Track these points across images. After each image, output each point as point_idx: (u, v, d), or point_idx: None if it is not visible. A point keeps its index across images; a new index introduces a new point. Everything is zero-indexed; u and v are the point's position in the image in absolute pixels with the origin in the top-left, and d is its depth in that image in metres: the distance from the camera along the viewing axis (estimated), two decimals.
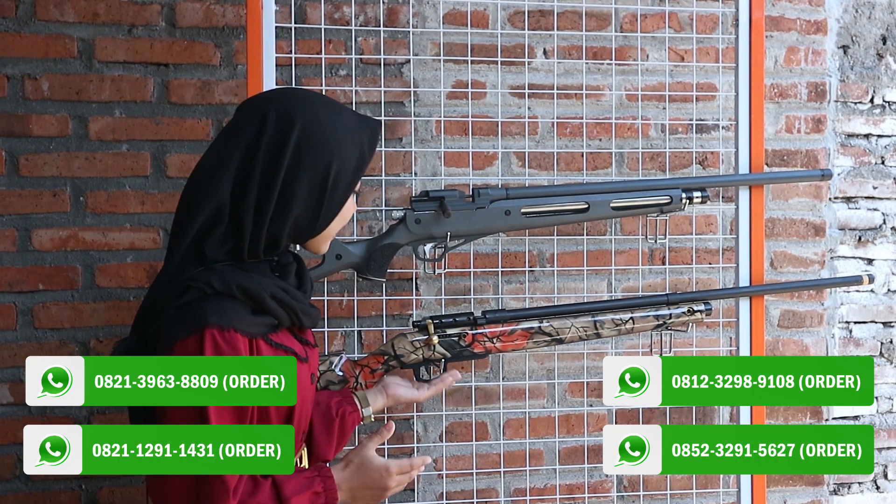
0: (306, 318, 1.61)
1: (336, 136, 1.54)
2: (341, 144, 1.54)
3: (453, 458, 2.62)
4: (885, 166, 2.95)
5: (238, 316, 1.48)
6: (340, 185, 1.55)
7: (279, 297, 1.54)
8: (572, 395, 2.69)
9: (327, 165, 1.53)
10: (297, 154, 1.51)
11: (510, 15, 2.64)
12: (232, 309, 1.48)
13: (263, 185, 1.50)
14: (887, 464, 2.95)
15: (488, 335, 2.15)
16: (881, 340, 2.95)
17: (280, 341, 1.56)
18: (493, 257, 2.60)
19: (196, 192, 1.53)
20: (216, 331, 1.46)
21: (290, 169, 1.51)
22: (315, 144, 1.52)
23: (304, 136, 1.52)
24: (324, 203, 1.54)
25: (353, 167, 1.56)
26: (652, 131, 2.72)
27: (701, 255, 2.74)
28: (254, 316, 1.51)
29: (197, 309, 1.47)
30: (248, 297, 1.50)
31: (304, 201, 1.53)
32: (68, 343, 2.45)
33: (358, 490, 1.62)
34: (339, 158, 1.53)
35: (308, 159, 1.52)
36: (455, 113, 2.60)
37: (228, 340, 1.47)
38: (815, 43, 2.84)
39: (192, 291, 1.48)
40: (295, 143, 1.51)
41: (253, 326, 1.50)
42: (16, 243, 2.43)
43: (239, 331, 1.48)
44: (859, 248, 2.93)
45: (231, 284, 1.49)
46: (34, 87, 2.43)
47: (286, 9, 2.40)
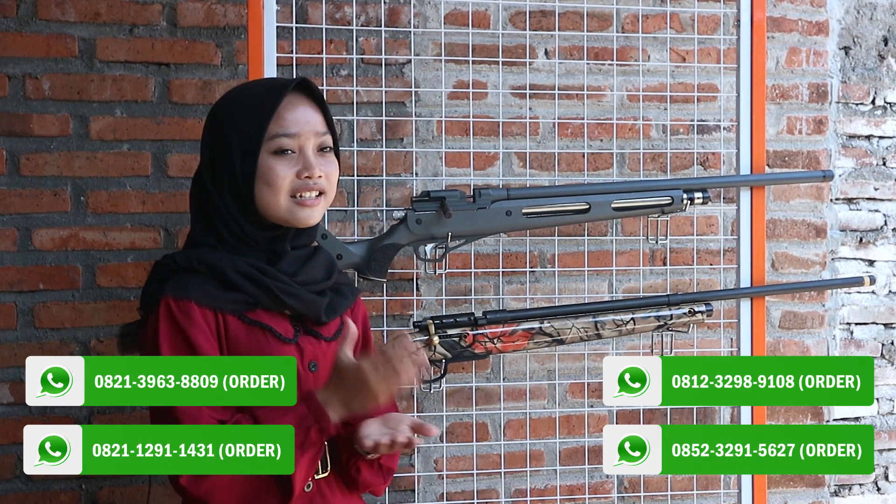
0: (295, 301, 1.60)
1: (230, 108, 1.62)
2: (236, 112, 1.61)
3: (454, 459, 2.62)
4: (886, 167, 2.94)
5: (200, 290, 1.55)
6: (246, 148, 1.58)
7: (244, 271, 1.57)
8: (573, 396, 2.69)
9: (226, 135, 1.59)
10: (209, 137, 1.63)
11: (511, 15, 2.64)
12: (193, 282, 1.55)
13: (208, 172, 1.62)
14: (888, 465, 2.95)
15: (489, 336, 2.15)
16: (882, 342, 2.95)
17: (257, 318, 1.58)
18: (493, 258, 2.60)
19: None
20: (171, 300, 1.53)
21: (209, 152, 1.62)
22: (215, 121, 1.63)
23: (209, 119, 1.65)
24: (237, 171, 1.59)
25: (253, 127, 1.58)
26: (653, 132, 2.72)
27: (702, 255, 2.73)
28: (223, 292, 1.56)
29: (161, 284, 1.57)
30: (211, 271, 1.56)
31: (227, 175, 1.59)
32: (69, 343, 2.44)
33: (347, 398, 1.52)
34: (236, 127, 1.59)
35: (213, 137, 1.62)
36: (456, 113, 2.60)
37: (182, 308, 1.53)
38: (816, 44, 2.84)
39: (162, 269, 1.59)
40: (207, 129, 1.64)
41: (218, 301, 1.55)
42: (16, 243, 2.43)
43: (195, 301, 1.54)
44: (860, 249, 2.93)
45: (192, 259, 1.57)
46: (35, 86, 2.43)
47: (287, 8, 2.40)
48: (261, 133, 1.58)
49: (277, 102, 1.59)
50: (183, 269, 1.57)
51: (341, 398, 1.53)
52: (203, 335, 1.54)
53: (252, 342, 1.57)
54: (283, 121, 1.59)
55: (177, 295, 1.54)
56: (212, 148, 1.62)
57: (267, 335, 1.59)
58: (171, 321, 1.53)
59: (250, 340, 1.57)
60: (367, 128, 2.55)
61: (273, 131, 1.59)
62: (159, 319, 1.53)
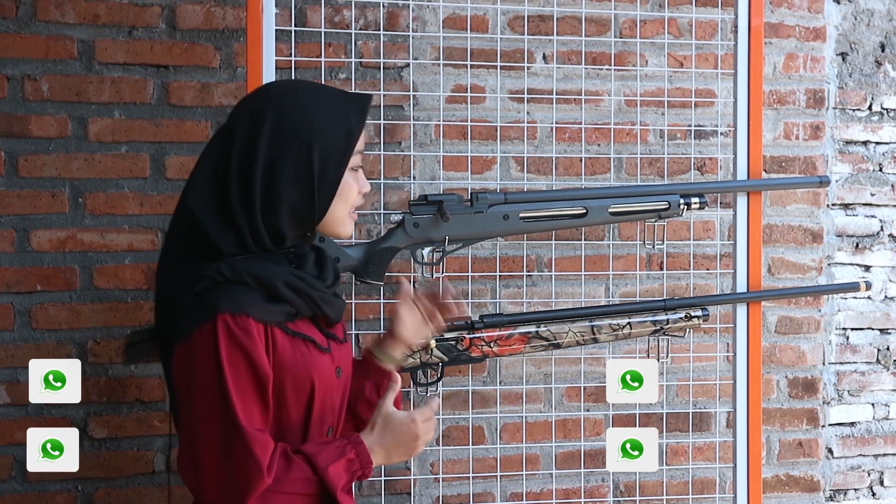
0: (328, 307, 1.60)
1: (311, 120, 1.54)
2: (321, 126, 1.54)
3: (450, 462, 2.62)
4: (882, 173, 2.95)
5: (250, 302, 1.49)
6: (329, 166, 1.55)
7: (293, 284, 1.54)
8: (569, 400, 2.69)
9: (308, 150, 1.53)
10: (272, 146, 1.52)
11: (510, 20, 2.64)
12: (244, 295, 1.49)
13: (244, 182, 1.52)
14: (883, 470, 2.96)
15: (486, 339, 2.15)
16: (878, 347, 2.95)
17: (298, 330, 1.56)
18: (491, 261, 2.61)
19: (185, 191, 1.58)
20: (228, 316, 1.47)
21: (267, 161, 1.52)
22: (290, 132, 1.53)
23: (277, 127, 1.53)
24: (315, 188, 1.54)
25: (340, 146, 1.56)
26: (650, 137, 2.72)
27: (699, 260, 2.74)
28: (269, 304, 1.52)
29: (210, 297, 1.49)
30: (259, 284, 1.51)
31: (294, 190, 1.53)
32: (66, 344, 2.44)
33: (391, 447, 1.58)
34: (319, 141, 1.53)
35: (285, 149, 1.52)
36: (454, 117, 2.60)
37: (241, 325, 1.47)
38: (813, 50, 2.84)
39: (205, 280, 1.50)
40: (268, 136, 1.52)
41: (267, 314, 1.51)
42: (14, 244, 2.43)
43: (251, 316, 1.49)
44: (857, 254, 2.93)
45: (241, 271, 1.51)
46: (34, 87, 2.43)
47: (286, 12, 2.41)
48: (350, 148, 1.57)
49: (363, 119, 1.59)
50: (230, 281, 1.50)
51: (386, 446, 1.57)
52: (262, 352, 1.49)
53: (297, 355, 1.55)
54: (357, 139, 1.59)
55: (234, 311, 1.47)
56: (273, 154, 1.52)
57: (309, 346, 1.57)
58: (230, 339, 1.47)
59: (295, 353, 1.55)
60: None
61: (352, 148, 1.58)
62: (219, 338, 1.46)
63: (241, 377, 1.47)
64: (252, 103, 1.57)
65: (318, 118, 1.54)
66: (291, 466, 1.50)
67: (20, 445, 2.40)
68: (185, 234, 1.56)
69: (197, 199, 1.55)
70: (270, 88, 1.64)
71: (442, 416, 2.58)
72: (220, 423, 1.46)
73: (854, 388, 2.93)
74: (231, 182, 1.53)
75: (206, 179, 1.55)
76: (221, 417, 1.46)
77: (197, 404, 1.48)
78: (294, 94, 1.57)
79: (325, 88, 1.64)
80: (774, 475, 2.85)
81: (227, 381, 1.46)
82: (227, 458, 1.46)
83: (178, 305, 1.52)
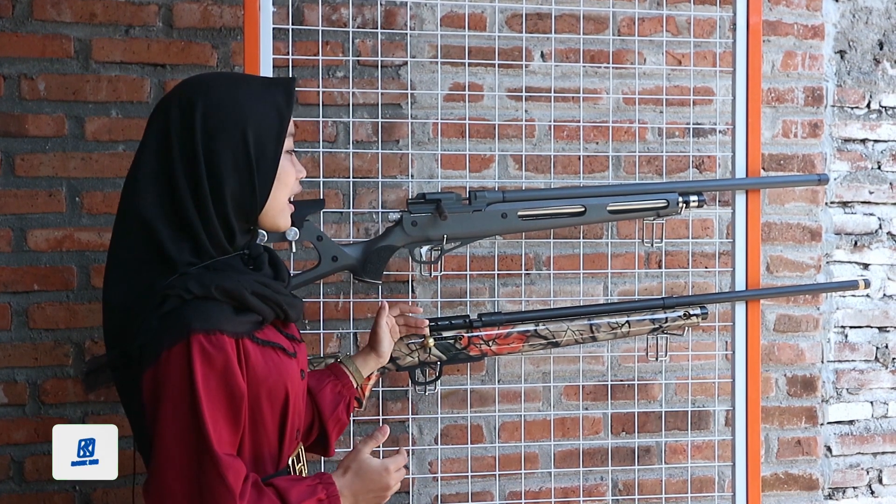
0: (291, 309, 1.59)
1: (242, 104, 1.51)
2: (251, 109, 1.52)
3: (448, 461, 2.62)
4: (881, 171, 2.95)
5: (222, 317, 1.45)
6: (266, 148, 1.52)
7: (260, 291, 1.52)
8: (568, 399, 2.69)
9: (242, 134, 1.50)
10: (208, 135, 1.49)
11: (508, 18, 2.64)
12: (215, 311, 1.45)
13: (190, 177, 1.49)
14: (882, 468, 2.96)
15: (484, 338, 2.14)
16: (876, 345, 2.95)
17: (266, 338, 1.54)
18: (489, 260, 2.60)
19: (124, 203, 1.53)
20: (202, 336, 1.42)
21: (207, 152, 1.49)
22: (222, 119, 1.50)
23: (209, 116, 1.50)
24: (254, 172, 1.51)
25: (273, 127, 1.53)
26: (649, 135, 2.72)
27: (697, 258, 2.74)
28: (238, 315, 1.49)
29: (179, 316, 1.43)
30: (228, 297, 1.48)
31: (235, 177, 1.50)
32: (63, 344, 2.44)
33: (360, 494, 1.59)
34: (253, 124, 1.51)
35: (220, 137, 1.49)
36: (452, 115, 2.59)
37: (216, 344, 1.43)
38: (812, 48, 2.84)
39: (172, 299, 1.45)
40: (202, 126, 1.49)
41: (238, 326, 1.48)
42: (11, 243, 2.42)
43: (225, 332, 1.45)
44: (855, 252, 2.93)
45: (209, 286, 1.46)
46: (31, 87, 2.42)
47: (284, 10, 2.40)
48: (283, 130, 1.53)
49: (292, 98, 1.55)
50: (198, 297, 1.45)
51: (356, 492, 1.59)
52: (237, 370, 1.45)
53: (270, 365, 1.53)
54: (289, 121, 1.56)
55: (207, 330, 1.43)
56: (210, 144, 1.49)
57: (278, 353, 1.55)
58: (205, 360, 1.42)
59: (267, 363, 1.52)
60: (362, 130, 2.55)
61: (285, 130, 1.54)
62: (193, 359, 1.41)
63: (214, 399, 1.43)
64: (178, 98, 1.53)
65: (248, 102, 1.52)
66: (262, 499, 1.46)
67: (18, 445, 2.41)
68: (134, 241, 1.50)
69: (147, 204, 1.49)
70: (193, 81, 1.57)
71: (440, 415, 2.57)
72: (191, 448, 1.42)
73: (853, 386, 2.93)
74: (178, 179, 1.49)
75: (151, 181, 1.50)
76: (193, 442, 1.41)
77: (167, 428, 1.42)
78: (219, 83, 1.55)
79: (247, 75, 1.65)
80: (773, 473, 2.85)
81: (200, 404, 1.41)
82: (198, 486, 1.42)
83: (142, 326, 1.45)
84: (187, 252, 1.49)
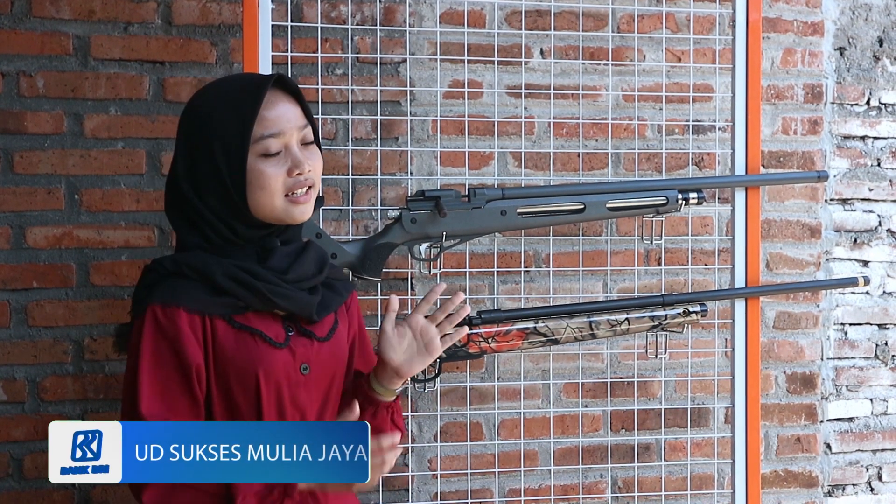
0: (286, 301, 1.58)
1: (209, 116, 1.56)
2: (217, 121, 1.55)
3: (448, 459, 2.62)
4: (881, 168, 2.95)
5: (189, 295, 1.53)
6: (232, 160, 1.55)
7: (235, 275, 1.55)
8: (567, 396, 2.69)
9: (207, 142, 1.56)
10: (186, 143, 1.59)
11: (507, 15, 2.63)
12: (181, 287, 1.54)
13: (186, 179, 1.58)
14: (882, 465, 2.96)
15: (483, 335, 2.15)
16: (876, 342, 2.95)
17: (247, 322, 1.56)
18: (488, 257, 2.60)
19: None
20: (158, 308, 1.52)
21: (190, 164, 1.58)
22: (193, 127, 1.58)
23: (185, 125, 1.60)
24: (227, 184, 1.55)
25: (236, 137, 1.55)
26: (648, 132, 2.72)
27: (697, 256, 2.73)
28: (213, 296, 1.54)
29: (149, 289, 1.55)
30: (199, 276, 1.54)
31: (213, 182, 1.56)
32: (62, 341, 2.44)
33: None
34: (218, 136, 1.55)
35: (196, 151, 1.57)
36: (451, 112, 2.59)
37: (169, 316, 1.52)
38: (811, 45, 2.84)
39: (151, 274, 1.57)
40: (183, 134, 1.60)
41: (208, 306, 1.54)
42: (10, 241, 2.42)
43: (183, 307, 1.52)
44: (855, 250, 2.93)
45: (181, 264, 1.55)
46: (29, 84, 2.42)
47: (282, 7, 2.40)
48: (245, 139, 1.55)
49: (258, 104, 1.55)
50: (172, 273, 1.55)
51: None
52: (189, 342, 1.52)
53: (240, 347, 1.55)
54: (266, 121, 1.56)
55: (165, 302, 1.53)
56: (190, 154, 1.58)
57: (257, 340, 1.56)
58: (156, 330, 1.52)
59: (238, 345, 1.55)
60: (362, 127, 2.55)
61: (258, 134, 1.55)
62: (144, 327, 1.52)
63: (161, 367, 1.52)
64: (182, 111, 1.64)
65: (215, 113, 1.57)
66: None
67: (17, 443, 2.41)
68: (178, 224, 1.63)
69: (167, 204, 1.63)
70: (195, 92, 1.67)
71: (440, 413, 2.57)
72: (128, 404, 1.52)
73: (852, 383, 2.93)
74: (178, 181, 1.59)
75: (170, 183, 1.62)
76: (129, 402, 1.52)
77: (124, 386, 1.55)
78: (199, 95, 1.63)
79: (227, 80, 1.67)
80: (773, 471, 2.85)
81: (140, 369, 1.51)
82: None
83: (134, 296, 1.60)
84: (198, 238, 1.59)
